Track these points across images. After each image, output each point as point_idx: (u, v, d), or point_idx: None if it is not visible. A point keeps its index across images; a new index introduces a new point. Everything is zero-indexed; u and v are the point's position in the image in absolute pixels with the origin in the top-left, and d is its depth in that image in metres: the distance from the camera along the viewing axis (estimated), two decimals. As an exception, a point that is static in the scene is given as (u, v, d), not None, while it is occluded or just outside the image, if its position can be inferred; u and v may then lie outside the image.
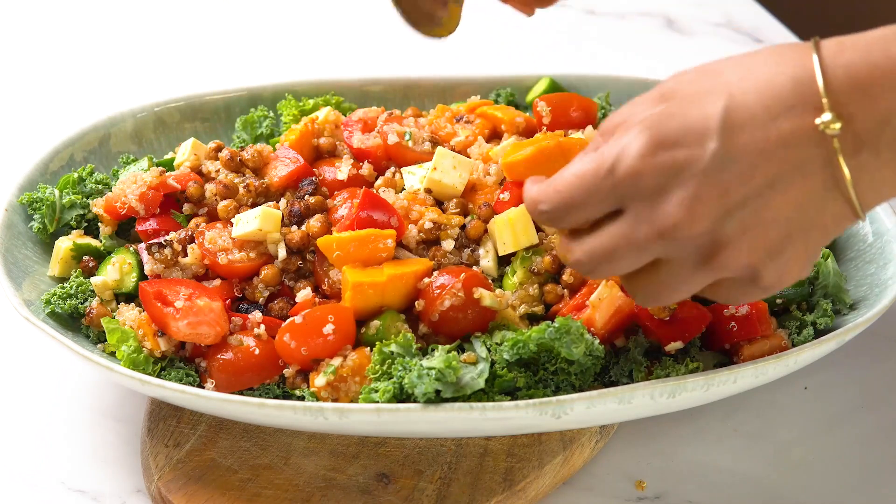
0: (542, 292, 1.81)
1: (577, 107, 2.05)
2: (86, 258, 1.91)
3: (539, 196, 1.51)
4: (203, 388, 1.75)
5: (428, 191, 1.90)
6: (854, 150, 1.39)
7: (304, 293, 1.78)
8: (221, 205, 1.89)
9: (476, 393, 1.65)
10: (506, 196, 1.87)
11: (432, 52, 2.86)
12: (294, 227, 1.85)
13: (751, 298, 1.51)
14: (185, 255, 1.85)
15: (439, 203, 1.91)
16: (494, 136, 2.04)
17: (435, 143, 2.00)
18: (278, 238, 1.84)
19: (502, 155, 1.90)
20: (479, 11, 2.80)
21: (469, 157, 1.97)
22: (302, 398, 1.73)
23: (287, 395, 1.76)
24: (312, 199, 1.88)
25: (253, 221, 1.82)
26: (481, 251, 1.85)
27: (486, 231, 1.86)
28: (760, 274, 1.45)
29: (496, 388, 1.66)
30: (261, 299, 1.82)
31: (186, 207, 1.93)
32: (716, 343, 1.80)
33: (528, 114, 2.09)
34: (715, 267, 1.44)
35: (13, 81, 2.78)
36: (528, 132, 2.05)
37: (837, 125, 1.38)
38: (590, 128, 2.00)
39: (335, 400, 1.70)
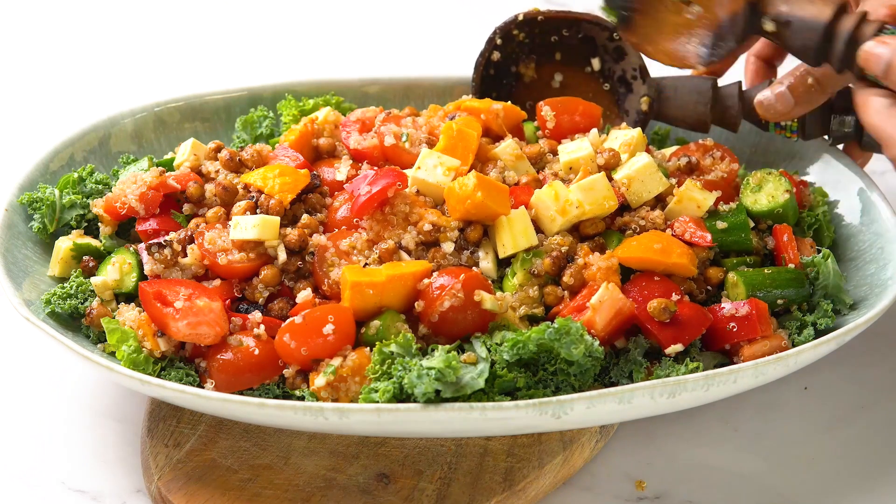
0: (541, 294, 1.81)
1: (581, 112, 2.06)
2: (86, 258, 1.92)
3: None
4: (203, 388, 1.75)
5: (418, 191, 1.90)
6: None
7: (304, 294, 1.78)
8: (211, 212, 1.89)
9: (476, 393, 1.65)
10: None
11: (432, 52, 2.87)
12: (289, 228, 1.85)
13: None
14: (185, 255, 1.85)
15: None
16: (487, 135, 2.04)
17: (432, 144, 2.00)
18: (277, 243, 1.84)
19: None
20: (479, 12, 2.80)
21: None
22: (302, 398, 1.73)
23: (287, 395, 1.76)
24: (312, 196, 1.90)
25: (251, 230, 1.82)
26: (481, 253, 1.84)
27: (485, 233, 1.86)
28: None
29: (496, 389, 1.66)
30: (261, 300, 1.82)
31: (186, 207, 1.93)
32: (716, 343, 1.80)
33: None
34: None
35: (13, 81, 2.78)
36: (508, 122, 2.06)
37: None
38: (593, 131, 2.00)
39: (335, 400, 1.70)
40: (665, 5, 2.06)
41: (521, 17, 2.14)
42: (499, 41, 2.15)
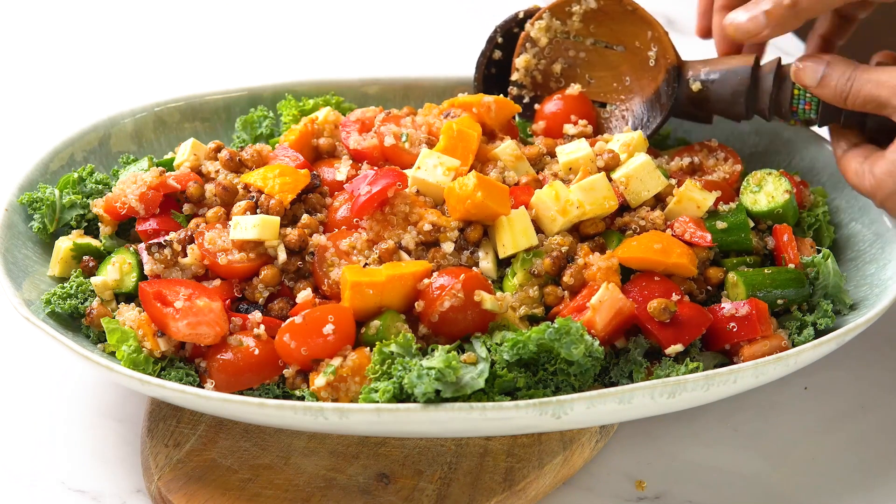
0: (542, 294, 1.81)
1: (585, 115, 2.07)
2: (86, 258, 1.92)
3: None
4: (203, 388, 1.75)
5: (418, 191, 1.90)
6: None
7: (304, 294, 1.78)
8: (211, 212, 1.89)
9: (476, 393, 1.65)
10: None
11: (431, 52, 2.87)
12: (289, 228, 1.85)
13: None
14: (185, 255, 1.85)
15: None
16: (484, 133, 2.05)
17: (432, 144, 2.00)
18: (277, 243, 1.84)
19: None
20: (479, 12, 2.80)
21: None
22: (302, 398, 1.73)
23: (287, 395, 1.76)
24: (312, 196, 1.90)
25: (251, 230, 1.82)
26: (480, 253, 1.84)
27: (485, 233, 1.86)
28: None
29: (496, 389, 1.66)
30: (261, 300, 1.82)
31: (186, 207, 1.93)
32: (716, 344, 1.80)
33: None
34: None
35: (13, 81, 2.78)
36: (501, 116, 2.06)
37: None
38: (583, 141, 2.00)
39: (335, 400, 1.70)
40: None
41: (521, 15, 2.14)
42: (500, 39, 2.16)
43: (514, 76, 2.14)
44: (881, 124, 1.92)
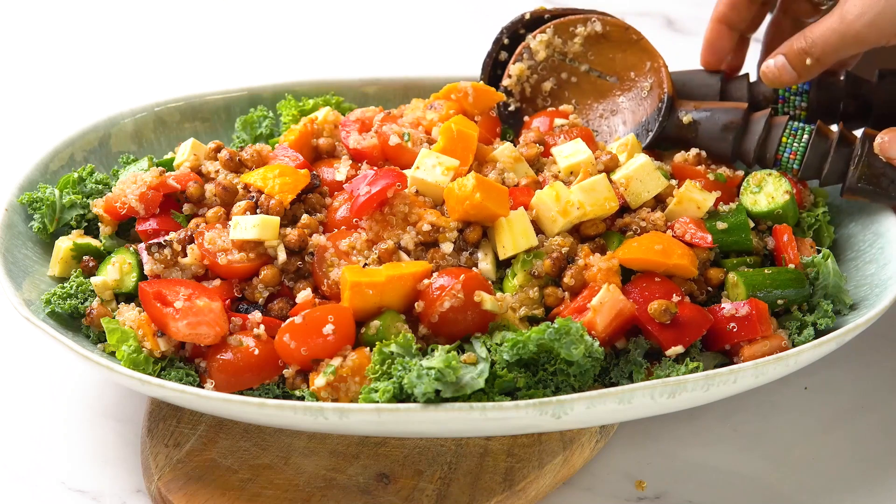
0: (542, 295, 1.81)
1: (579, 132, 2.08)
2: (86, 258, 1.92)
3: None
4: (203, 388, 1.75)
5: (417, 191, 1.90)
6: None
7: (304, 294, 1.79)
8: (211, 212, 1.89)
9: (476, 393, 1.65)
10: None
11: (431, 52, 2.87)
12: (289, 228, 1.85)
13: None
14: (185, 255, 1.85)
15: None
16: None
17: (432, 143, 2.00)
18: (277, 243, 1.84)
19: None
20: (478, 13, 2.80)
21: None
22: (302, 398, 1.73)
23: (287, 395, 1.76)
24: (312, 196, 1.90)
25: (251, 230, 1.82)
26: (480, 254, 1.84)
27: (484, 235, 1.86)
28: None
29: (496, 389, 1.66)
30: (260, 300, 1.82)
31: (186, 207, 1.93)
32: (716, 344, 1.80)
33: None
34: None
35: (13, 81, 2.78)
36: (481, 103, 2.07)
37: None
38: (580, 140, 2.00)
39: (335, 400, 1.70)
40: None
41: (527, 17, 2.15)
42: (506, 41, 2.16)
43: (506, 82, 2.14)
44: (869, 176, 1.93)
